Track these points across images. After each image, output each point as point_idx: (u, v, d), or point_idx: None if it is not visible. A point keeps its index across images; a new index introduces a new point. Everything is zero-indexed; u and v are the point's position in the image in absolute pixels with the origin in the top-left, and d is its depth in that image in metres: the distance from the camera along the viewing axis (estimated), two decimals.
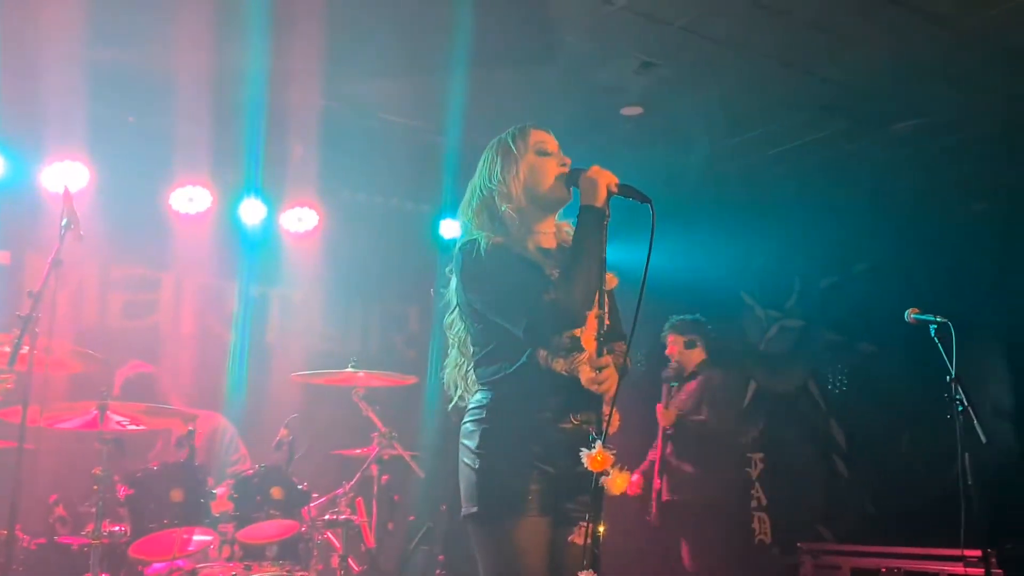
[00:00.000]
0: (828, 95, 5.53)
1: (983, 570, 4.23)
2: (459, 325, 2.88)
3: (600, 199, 2.66)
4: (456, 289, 2.82)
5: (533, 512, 2.62)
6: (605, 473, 2.47)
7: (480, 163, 2.92)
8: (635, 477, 5.86)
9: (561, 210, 2.91)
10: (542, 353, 2.68)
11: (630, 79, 5.26)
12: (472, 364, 2.84)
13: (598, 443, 2.48)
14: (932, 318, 3.95)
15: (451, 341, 2.93)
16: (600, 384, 2.57)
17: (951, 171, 6.61)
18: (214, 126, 5.50)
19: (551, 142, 2.88)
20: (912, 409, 7.54)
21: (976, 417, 3.72)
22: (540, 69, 5.19)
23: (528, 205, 2.80)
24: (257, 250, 6.22)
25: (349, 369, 4.90)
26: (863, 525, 7.83)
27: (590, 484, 2.50)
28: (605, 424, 2.52)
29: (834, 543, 6.94)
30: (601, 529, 2.48)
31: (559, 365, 2.67)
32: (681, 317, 6.05)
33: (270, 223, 6.29)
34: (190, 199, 5.96)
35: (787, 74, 5.25)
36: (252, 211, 6.13)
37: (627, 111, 5.68)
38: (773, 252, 8.14)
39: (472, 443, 2.71)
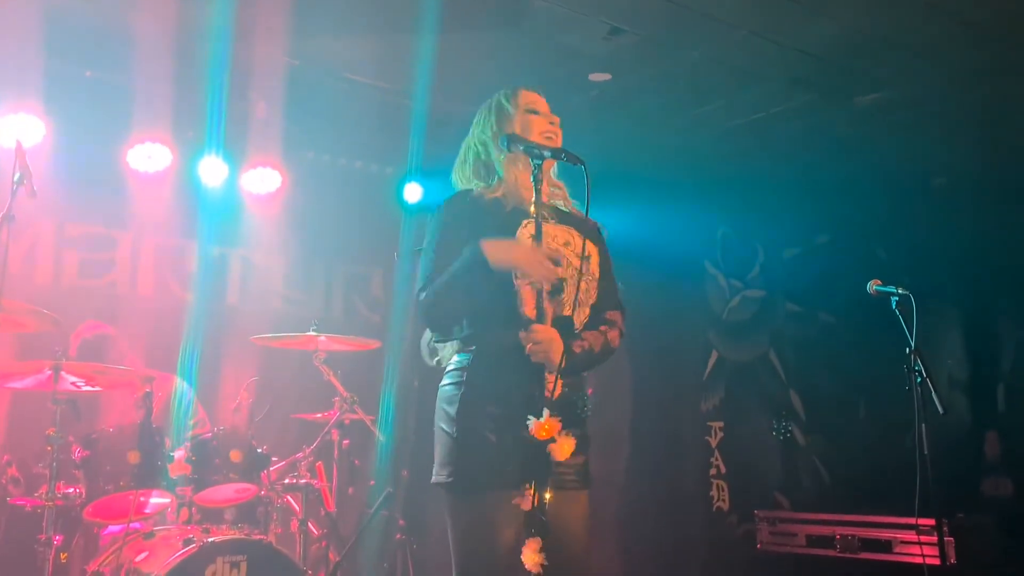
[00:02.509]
0: (795, 66, 5.52)
1: (935, 538, 4.31)
2: None
3: (500, 263, 2.59)
4: None
5: (508, 486, 2.53)
6: (552, 440, 2.48)
7: (473, 123, 2.99)
8: None
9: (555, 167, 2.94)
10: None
11: (598, 45, 5.21)
12: None
13: (545, 412, 2.48)
14: (894, 290, 3.98)
15: None
16: (536, 355, 2.55)
17: (914, 145, 6.66)
18: (175, 82, 5.37)
19: (541, 103, 2.94)
20: (869, 379, 7.66)
21: (934, 389, 3.75)
22: (508, 33, 5.12)
23: (520, 160, 2.81)
24: (218, 210, 6.10)
25: (311, 332, 4.86)
26: (820, 493, 7.98)
27: (574, 451, 2.56)
28: (548, 392, 2.51)
29: (791, 511, 7.05)
30: (548, 496, 2.48)
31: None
32: None
33: (232, 183, 6.18)
34: (149, 157, 5.81)
35: (755, 44, 5.24)
36: (213, 171, 6.00)
37: (595, 77, 5.64)
38: (737, 222, 8.19)
39: (451, 408, 2.65)
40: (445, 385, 2.72)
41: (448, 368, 2.75)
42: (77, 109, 5.53)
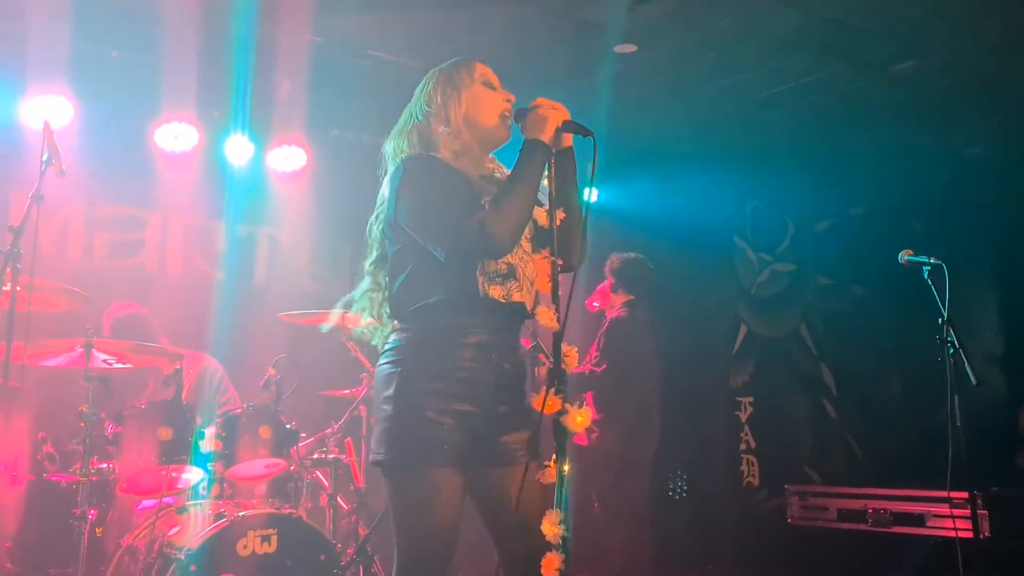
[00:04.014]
0: (827, 36, 5.43)
1: (969, 512, 4.26)
2: (376, 252, 2.79)
3: (547, 134, 2.58)
4: (381, 209, 2.76)
5: (447, 463, 2.52)
6: (563, 412, 2.42)
7: (418, 89, 2.86)
8: None
9: (497, 149, 2.83)
10: (480, 280, 2.58)
11: (624, 16, 5.14)
12: (387, 296, 2.72)
13: (542, 390, 2.44)
14: (926, 260, 3.92)
15: (366, 269, 2.81)
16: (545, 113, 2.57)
17: (948, 114, 6.54)
18: (200, 61, 5.38)
19: (495, 78, 2.81)
20: (902, 352, 7.58)
21: (967, 360, 3.70)
22: (532, 5, 5.07)
23: (468, 136, 2.72)
24: (244, 189, 6.15)
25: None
26: (851, 467, 7.92)
27: (516, 423, 2.59)
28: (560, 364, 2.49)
29: (822, 485, 7.01)
30: (566, 468, 2.41)
31: (496, 292, 2.59)
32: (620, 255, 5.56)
33: (257, 162, 6.22)
34: (175, 136, 5.87)
35: (786, 13, 5.15)
36: (239, 149, 6.04)
37: (621, 49, 5.57)
38: (767, 196, 8.10)
39: (387, 388, 2.59)
40: (382, 364, 2.66)
41: (384, 349, 2.68)
42: (104, 90, 5.58)
